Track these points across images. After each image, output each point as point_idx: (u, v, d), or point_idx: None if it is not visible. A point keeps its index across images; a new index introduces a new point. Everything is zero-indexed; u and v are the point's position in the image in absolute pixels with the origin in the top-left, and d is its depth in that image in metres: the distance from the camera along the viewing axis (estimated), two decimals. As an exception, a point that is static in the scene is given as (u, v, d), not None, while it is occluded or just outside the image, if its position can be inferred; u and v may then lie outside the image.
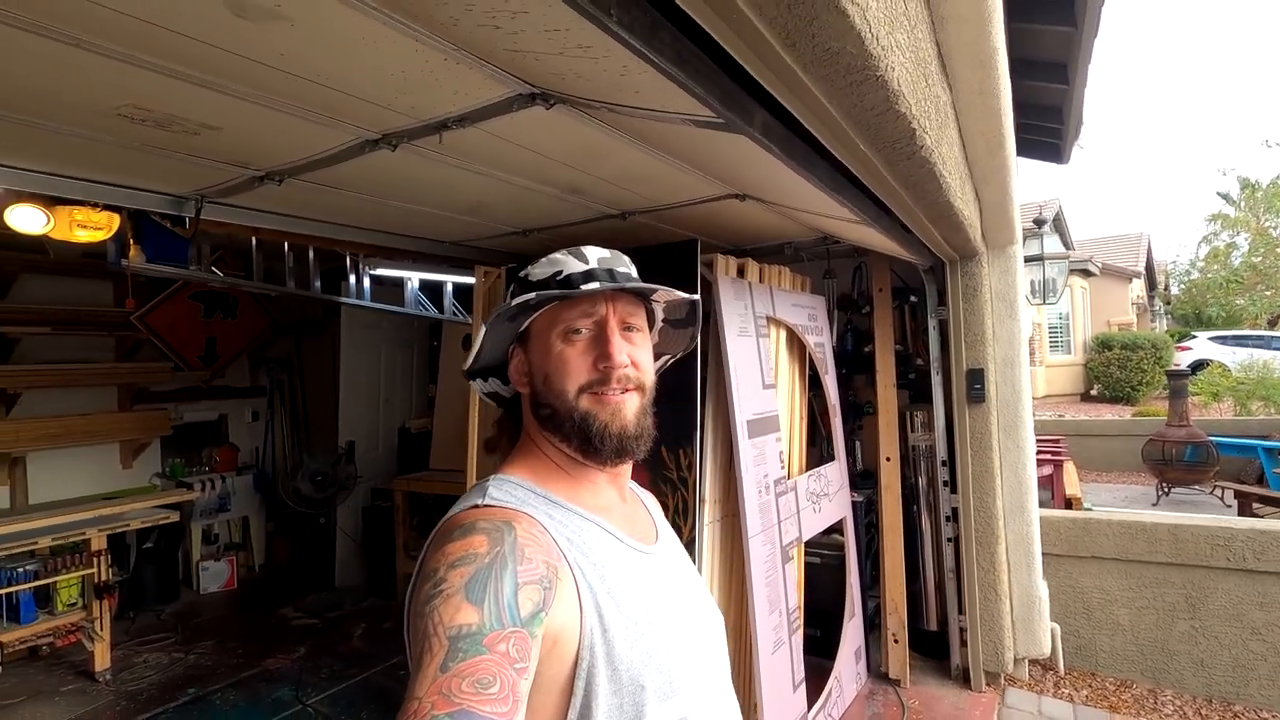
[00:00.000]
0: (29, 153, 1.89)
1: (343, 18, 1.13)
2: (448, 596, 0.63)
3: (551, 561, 0.71)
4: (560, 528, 0.77)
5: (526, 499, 0.79)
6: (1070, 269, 14.17)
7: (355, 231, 2.96)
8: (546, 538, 0.74)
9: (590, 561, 0.76)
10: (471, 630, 0.60)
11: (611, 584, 0.76)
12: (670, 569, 0.89)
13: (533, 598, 0.66)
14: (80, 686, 3.63)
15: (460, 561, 0.66)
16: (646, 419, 0.86)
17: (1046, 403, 13.74)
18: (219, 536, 5.53)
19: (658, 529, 0.94)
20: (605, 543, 0.80)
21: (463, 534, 0.70)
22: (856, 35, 1.00)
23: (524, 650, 0.62)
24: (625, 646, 0.72)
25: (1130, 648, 3.49)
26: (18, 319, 4.29)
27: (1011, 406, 3.39)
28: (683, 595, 0.87)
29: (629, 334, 0.86)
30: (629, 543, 0.84)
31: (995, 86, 2.01)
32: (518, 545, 0.69)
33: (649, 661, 0.73)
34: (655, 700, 0.72)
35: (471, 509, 0.76)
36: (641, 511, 0.95)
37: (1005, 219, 3.09)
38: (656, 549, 0.89)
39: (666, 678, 0.75)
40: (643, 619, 0.76)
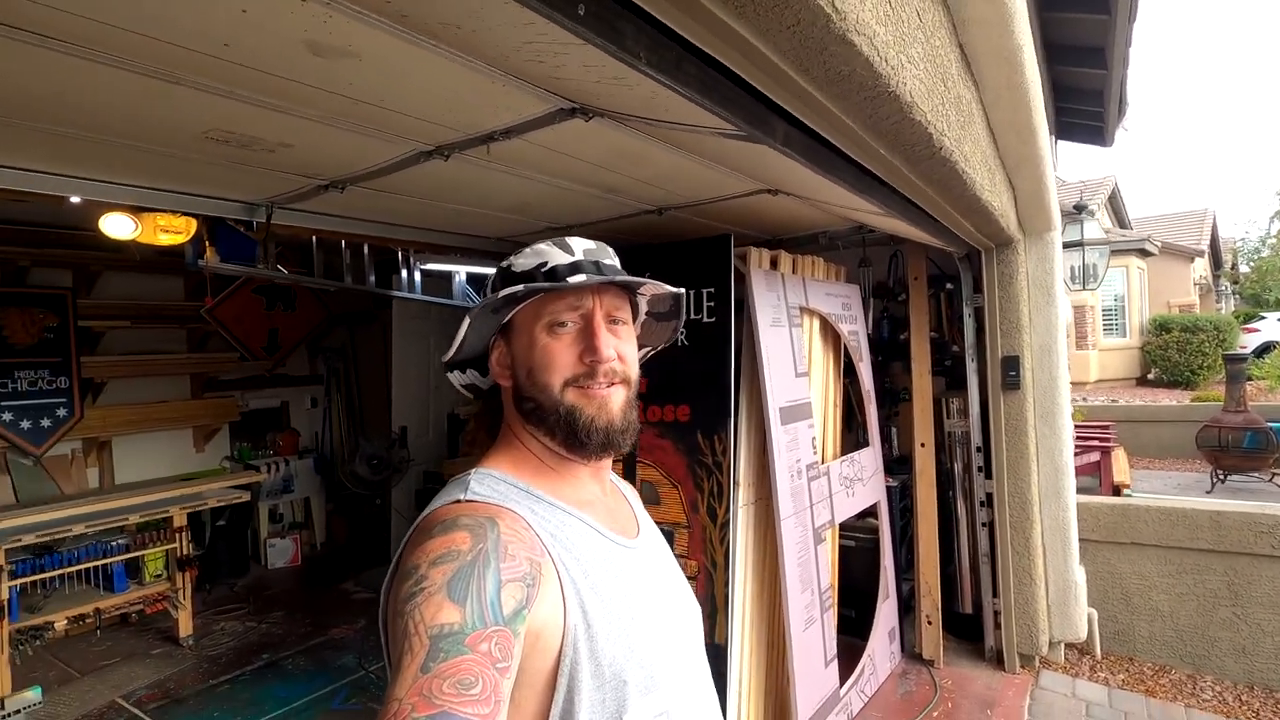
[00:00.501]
0: (127, 169, 2.11)
1: (404, 52, 1.27)
2: (429, 595, 0.62)
3: (535, 558, 0.70)
4: (544, 523, 0.76)
5: (509, 494, 0.78)
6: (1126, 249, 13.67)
7: (408, 230, 3.15)
8: (530, 533, 0.73)
9: (574, 557, 0.75)
10: (453, 629, 0.60)
11: (595, 580, 0.75)
12: (651, 562, 0.89)
13: (516, 595, 0.66)
14: (167, 650, 3.98)
15: (442, 559, 0.65)
16: (632, 412, 0.85)
17: (1100, 387, 13.34)
18: (283, 516, 5.89)
19: (638, 521, 0.94)
20: (588, 538, 0.80)
21: (444, 530, 0.69)
22: (865, 59, 1.09)
23: (506, 649, 0.62)
24: (608, 642, 0.73)
25: (1169, 633, 3.49)
26: (102, 314, 4.65)
27: (1048, 393, 3.40)
28: (663, 588, 0.88)
29: (614, 327, 0.85)
30: (611, 537, 0.83)
31: (1022, 80, 2.06)
32: (501, 542, 0.68)
33: (631, 656, 0.74)
34: (637, 694, 0.73)
35: (453, 504, 0.75)
36: (623, 504, 0.95)
37: (1041, 206, 3.09)
38: (638, 543, 0.88)
39: (648, 672, 0.75)
40: (625, 614, 0.76)
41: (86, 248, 4.38)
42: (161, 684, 3.58)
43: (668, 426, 2.76)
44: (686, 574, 2.60)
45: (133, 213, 2.72)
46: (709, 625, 2.57)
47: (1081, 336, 13.37)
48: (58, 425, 4.39)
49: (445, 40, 1.18)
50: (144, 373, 4.93)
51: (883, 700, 3.16)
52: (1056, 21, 2.64)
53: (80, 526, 3.66)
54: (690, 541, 2.66)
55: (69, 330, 4.43)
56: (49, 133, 1.71)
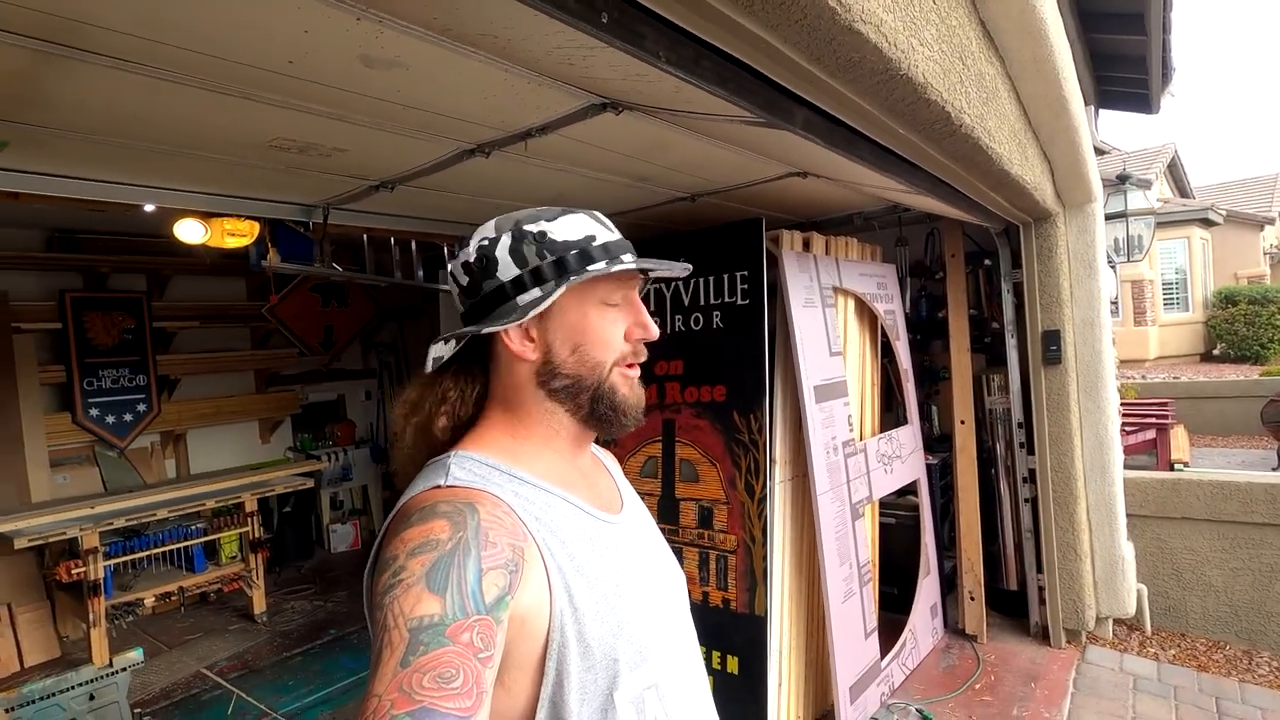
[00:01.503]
0: (197, 178, 2.30)
1: (447, 61, 1.39)
2: (408, 586, 0.61)
3: (517, 543, 0.69)
4: (528, 505, 0.75)
5: (490, 476, 0.76)
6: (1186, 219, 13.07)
7: (452, 225, 3.31)
8: (512, 518, 0.71)
9: (558, 539, 0.74)
10: (433, 621, 0.59)
11: (580, 561, 0.75)
12: (636, 535, 0.88)
13: (498, 583, 0.64)
14: (243, 626, 4.28)
15: (420, 549, 0.64)
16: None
17: (1160, 364, 12.83)
18: (344, 503, 6.19)
19: (621, 494, 0.93)
20: (572, 517, 0.79)
21: (422, 518, 0.68)
22: (874, 46, 1.16)
23: (489, 638, 0.61)
24: (596, 623, 0.72)
25: (1223, 609, 3.42)
26: (174, 315, 4.97)
27: (1091, 367, 3.37)
28: (649, 560, 0.87)
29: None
30: (596, 514, 0.82)
31: (1049, 53, 2.07)
32: (481, 529, 0.67)
33: (620, 634, 0.74)
34: (627, 670, 0.73)
35: (432, 489, 0.73)
36: (605, 478, 0.94)
37: (1079, 178, 3.06)
38: (622, 517, 0.87)
39: (637, 647, 0.75)
40: (612, 592, 0.75)
41: (158, 254, 4.70)
42: (240, 656, 3.87)
43: (705, 406, 2.85)
44: (726, 548, 2.71)
45: (202, 218, 2.94)
46: (749, 597, 2.67)
47: (1140, 312, 12.86)
48: (139, 420, 4.73)
49: (484, 48, 1.29)
50: (213, 369, 5.26)
51: (924, 673, 3.20)
52: (1091, -12, 2.61)
53: (164, 511, 3.96)
54: (729, 517, 2.76)
55: (145, 331, 4.76)
56: (128, 147, 1.89)
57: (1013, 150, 2.24)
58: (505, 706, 0.69)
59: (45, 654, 3.91)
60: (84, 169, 2.13)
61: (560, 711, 0.70)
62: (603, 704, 0.72)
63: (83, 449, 4.54)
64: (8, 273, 4.13)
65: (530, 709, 0.70)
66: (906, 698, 2.99)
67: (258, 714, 3.23)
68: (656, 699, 0.77)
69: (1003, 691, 3.00)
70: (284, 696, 3.38)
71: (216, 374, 5.32)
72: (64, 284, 4.41)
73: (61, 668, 3.83)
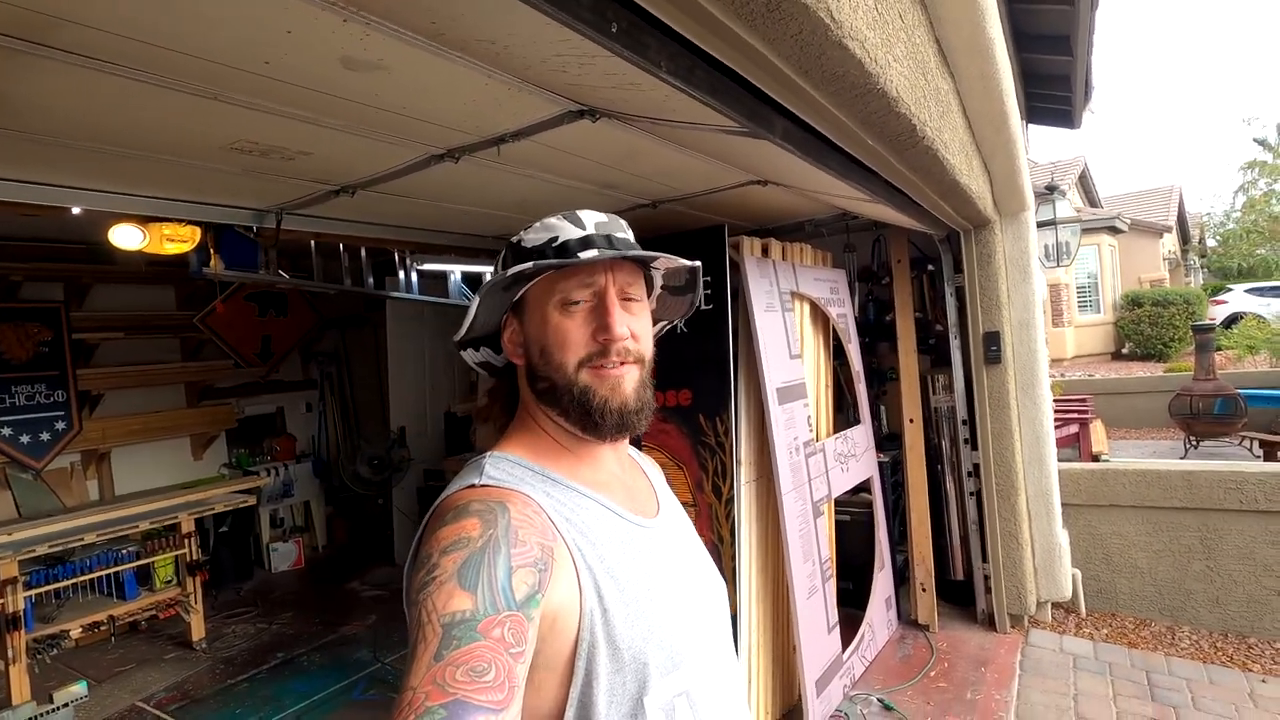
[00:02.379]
0: (142, 181, 2.18)
1: (432, 66, 1.37)
2: (440, 583, 0.62)
3: (547, 543, 0.70)
4: (559, 506, 0.76)
5: (524, 477, 0.77)
6: (1096, 226, 14.00)
7: (408, 231, 3.25)
8: (542, 518, 0.73)
9: (589, 540, 0.75)
10: (465, 617, 0.60)
11: (611, 563, 0.75)
12: (671, 540, 0.87)
13: (527, 580, 0.65)
14: (181, 654, 4.04)
15: (453, 546, 0.65)
16: (646, 392, 0.83)
17: (1076, 363, 13.70)
18: (284, 520, 5.93)
19: (659, 499, 0.92)
20: (605, 520, 0.79)
21: (455, 517, 0.69)
22: (857, 61, 1.21)
23: (520, 634, 0.61)
24: (626, 625, 0.72)
25: (1149, 589, 3.69)
26: (95, 325, 4.66)
27: (1028, 366, 3.57)
28: (684, 566, 0.86)
29: (628, 304, 0.83)
30: (629, 518, 0.82)
31: (995, 71, 2.20)
32: (511, 527, 0.68)
33: (650, 638, 0.73)
34: (658, 675, 0.73)
35: (467, 489, 0.75)
36: (642, 482, 0.93)
37: (1015, 188, 3.25)
38: (657, 521, 0.87)
39: (668, 653, 0.74)
40: (643, 596, 0.75)
41: (77, 260, 4.41)
42: (180, 686, 3.65)
43: (671, 411, 2.88)
44: (695, 550, 2.74)
45: (140, 223, 2.78)
46: (718, 598, 2.70)
47: (1058, 314, 13.70)
48: (57, 438, 4.41)
49: (474, 54, 1.28)
50: (140, 383, 4.95)
51: (883, 664, 3.32)
52: (1024, 11, 2.79)
53: (91, 535, 3.70)
54: (698, 519, 2.79)
55: (63, 343, 4.45)
56: (70, 147, 1.78)
57: (962, 161, 2.37)
58: (534, 706, 0.69)
59: (-45, 696, 3.59)
60: (15, 170, 1.99)
61: (588, 713, 0.69)
62: (632, 708, 0.71)
63: (-7, 471, 4.20)
64: (-94, 282, 3.80)
65: (559, 710, 0.70)
66: (868, 688, 3.09)
67: (204, 746, 3.06)
68: (687, 706, 0.76)
69: (956, 677, 3.14)
70: (231, 726, 3.21)
71: (144, 388, 5.01)
72: (-30, 294, 4.08)
73: (-26, 710, 3.53)
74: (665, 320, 1.01)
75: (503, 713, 0.56)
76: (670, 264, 0.88)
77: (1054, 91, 3.69)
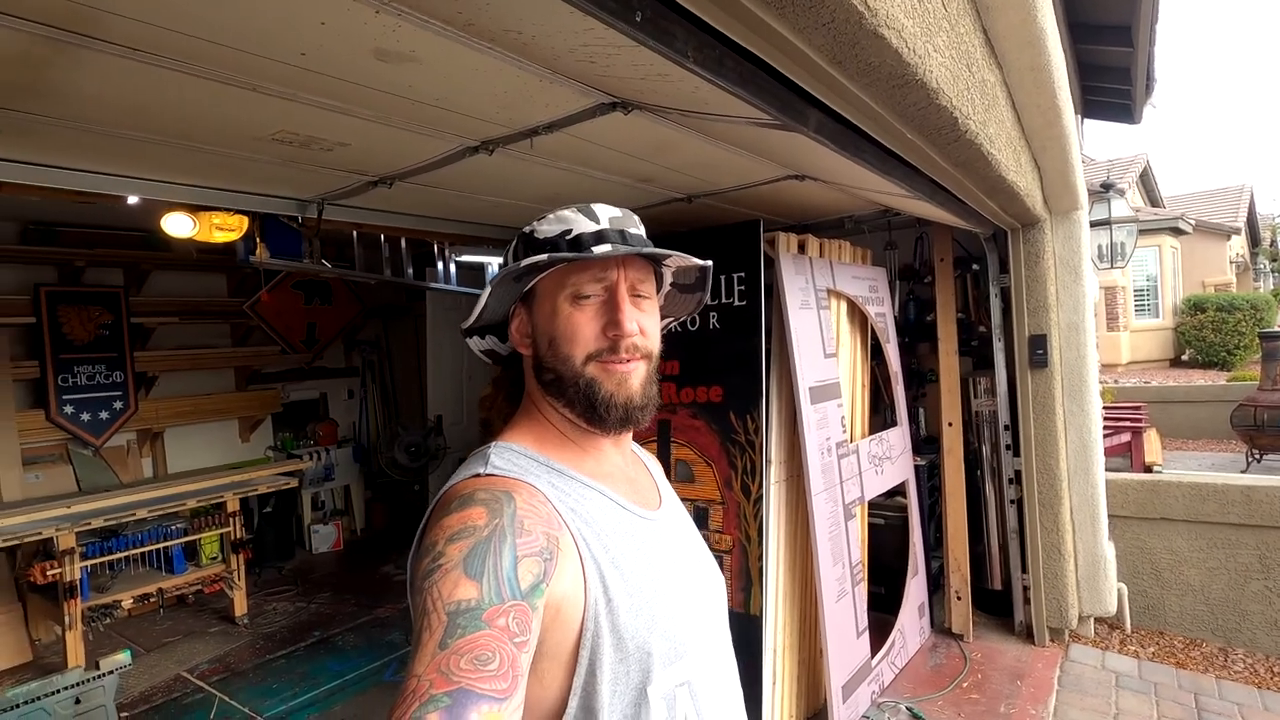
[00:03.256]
0: (191, 170, 2.26)
1: (463, 57, 1.38)
2: (446, 571, 0.62)
3: (552, 532, 0.70)
4: (563, 497, 0.76)
5: (529, 467, 0.78)
6: (1157, 227, 13.40)
7: (445, 223, 3.29)
8: (548, 508, 0.73)
9: (594, 531, 0.75)
10: (470, 605, 0.60)
11: (615, 553, 0.75)
12: (672, 533, 0.88)
13: (533, 570, 0.65)
14: (224, 628, 4.19)
15: (458, 535, 0.65)
16: (652, 388, 0.84)
17: (1131, 369, 13.15)
18: (325, 503, 6.10)
19: (660, 492, 0.93)
20: (609, 511, 0.80)
21: (461, 505, 0.69)
22: (894, 51, 1.17)
23: (524, 623, 0.62)
24: (629, 615, 0.72)
25: (1200, 607, 3.52)
26: (152, 310, 4.86)
27: (1076, 371, 3.44)
28: (685, 559, 0.87)
29: (638, 300, 0.83)
30: (632, 509, 0.83)
31: (1046, 63, 2.11)
32: (517, 517, 0.68)
33: (654, 628, 0.74)
34: (660, 665, 0.74)
35: (472, 478, 0.75)
36: (644, 475, 0.94)
37: (1067, 186, 3.12)
38: (659, 514, 0.88)
39: (671, 643, 0.75)
40: (647, 586, 0.76)
41: (136, 247, 4.59)
42: (222, 659, 3.79)
43: (701, 407, 2.85)
44: (721, 548, 2.72)
45: (191, 212, 2.88)
46: (743, 597, 2.68)
47: (1112, 318, 13.17)
48: (115, 417, 4.62)
49: (503, 44, 1.28)
50: (192, 366, 5.15)
51: (913, 672, 3.24)
52: (1082, 1, 2.67)
53: (143, 511, 3.86)
54: (725, 517, 2.77)
55: (122, 327, 4.65)
56: (123, 138, 1.85)
57: (1009, 157, 2.28)
58: (538, 695, 0.69)
59: (16, 658, 3.80)
60: (73, 159, 2.08)
61: (592, 702, 0.70)
62: (635, 698, 0.72)
63: (56, 447, 4.42)
64: (-21, 266, 4.02)
65: (563, 699, 0.70)
66: (896, 696, 3.02)
67: (241, 717, 3.17)
68: (688, 696, 0.77)
69: (990, 689, 3.05)
70: (268, 700, 3.32)
71: (195, 371, 5.21)
72: (38, 278, 4.29)
73: (33, 673, 3.72)
74: (672, 317, 1.01)
75: (506, 701, 0.56)
76: (682, 262, 0.87)
77: (1112, 85, 3.52)
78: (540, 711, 0.70)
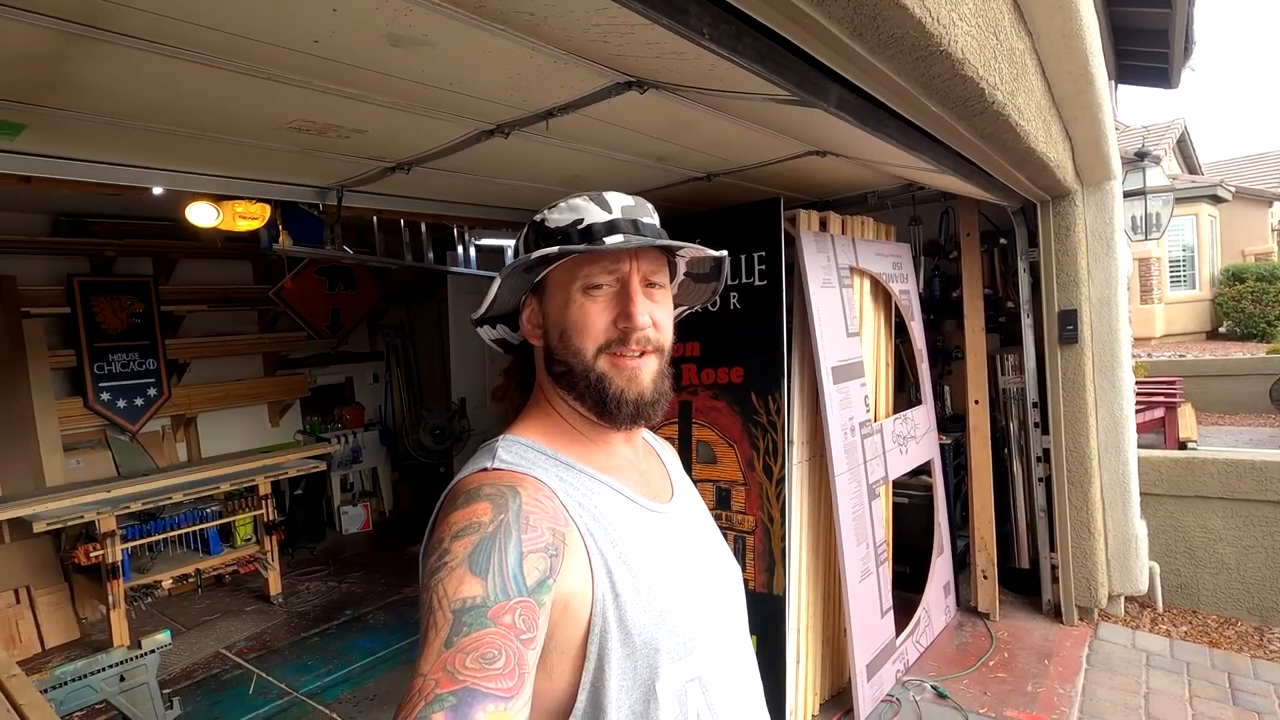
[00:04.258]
0: (212, 160, 2.28)
1: (475, 39, 1.36)
2: (451, 569, 0.62)
3: (558, 528, 0.70)
4: (571, 491, 0.75)
5: (536, 461, 0.77)
6: (1194, 195, 12.96)
7: (464, 207, 3.29)
8: (554, 503, 0.72)
9: (601, 526, 0.74)
10: (475, 603, 0.60)
11: (623, 548, 0.74)
12: (685, 526, 0.87)
13: (539, 566, 0.65)
14: (260, 607, 4.32)
15: (463, 531, 0.65)
16: (664, 382, 0.82)
17: (1165, 342, 12.81)
18: (354, 485, 6.22)
19: (673, 484, 0.92)
20: (617, 504, 0.79)
21: (466, 502, 0.69)
22: (917, 21, 1.13)
23: (531, 620, 0.61)
24: (637, 611, 0.72)
25: (1235, 586, 3.45)
26: (181, 298, 4.95)
27: (1108, 347, 3.35)
28: (697, 552, 0.86)
29: (651, 291, 0.81)
30: (642, 503, 0.82)
31: (1078, 27, 2.03)
32: (522, 512, 0.68)
33: (662, 623, 0.73)
34: (669, 661, 0.73)
35: (479, 473, 0.74)
36: (656, 467, 0.93)
37: (1100, 156, 3.02)
38: (670, 507, 0.86)
39: (681, 639, 0.74)
40: (655, 581, 0.75)
41: (164, 237, 4.67)
42: (259, 636, 3.91)
43: (722, 388, 2.84)
44: (743, 529, 2.72)
45: (214, 201, 2.91)
46: (766, 577, 2.68)
47: (1146, 290, 12.81)
48: (149, 404, 4.74)
49: (515, 26, 1.26)
50: (221, 353, 5.25)
51: (938, 651, 3.23)
52: (1116, -40, 2.56)
53: (179, 494, 3.98)
54: (747, 498, 2.76)
55: (153, 315, 4.75)
56: (144, 130, 1.87)
57: (1038, 127, 2.21)
58: (546, 690, 0.69)
59: (65, 635, 3.96)
60: (97, 152, 2.11)
61: (600, 698, 0.70)
62: (644, 693, 0.72)
63: (94, 433, 4.55)
64: (15, 257, 4.11)
65: (571, 694, 0.70)
66: (921, 674, 3.02)
67: (279, 693, 3.27)
68: (700, 692, 0.76)
69: (1017, 668, 3.03)
70: (304, 676, 3.42)
71: (225, 358, 5.31)
72: (71, 268, 4.39)
73: (82, 649, 3.88)
74: (685, 306, 0.99)
75: (511, 700, 0.56)
76: (696, 253, 0.86)
77: (1148, 48, 3.38)
78: (549, 705, 0.70)
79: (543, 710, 0.69)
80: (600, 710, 0.69)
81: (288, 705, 3.16)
